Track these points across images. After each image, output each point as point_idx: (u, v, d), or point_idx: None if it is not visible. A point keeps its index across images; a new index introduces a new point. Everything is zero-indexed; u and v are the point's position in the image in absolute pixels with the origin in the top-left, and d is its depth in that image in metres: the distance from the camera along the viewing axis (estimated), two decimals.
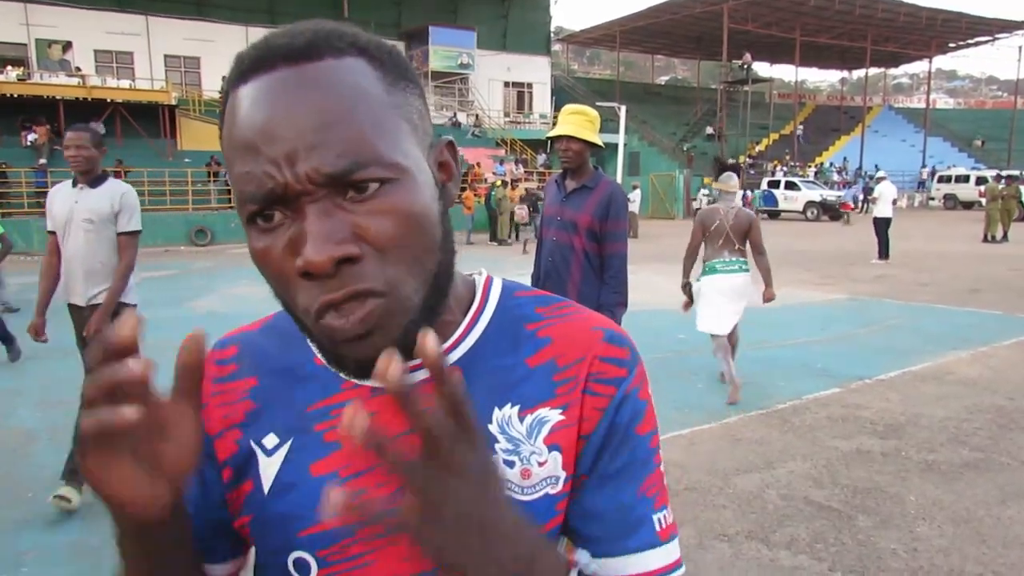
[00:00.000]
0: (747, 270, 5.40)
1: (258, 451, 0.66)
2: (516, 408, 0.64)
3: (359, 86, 0.56)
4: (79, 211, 3.64)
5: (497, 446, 0.63)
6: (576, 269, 3.40)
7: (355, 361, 0.58)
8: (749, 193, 28.77)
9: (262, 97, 0.54)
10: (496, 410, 0.64)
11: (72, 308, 3.87)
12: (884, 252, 14.05)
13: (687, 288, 5.59)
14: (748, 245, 5.37)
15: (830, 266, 13.67)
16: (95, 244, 3.66)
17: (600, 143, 3.48)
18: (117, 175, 20.40)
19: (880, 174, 16.08)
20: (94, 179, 3.70)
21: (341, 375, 0.65)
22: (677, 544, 0.66)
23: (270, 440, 0.66)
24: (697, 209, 27.78)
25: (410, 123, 0.60)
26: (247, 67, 0.56)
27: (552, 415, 0.64)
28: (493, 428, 0.63)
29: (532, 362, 0.66)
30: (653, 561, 0.64)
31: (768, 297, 5.48)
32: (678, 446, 4.42)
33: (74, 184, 3.71)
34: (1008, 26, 42.20)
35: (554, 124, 3.62)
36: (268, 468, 0.65)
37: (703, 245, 5.43)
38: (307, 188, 0.53)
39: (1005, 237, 18.32)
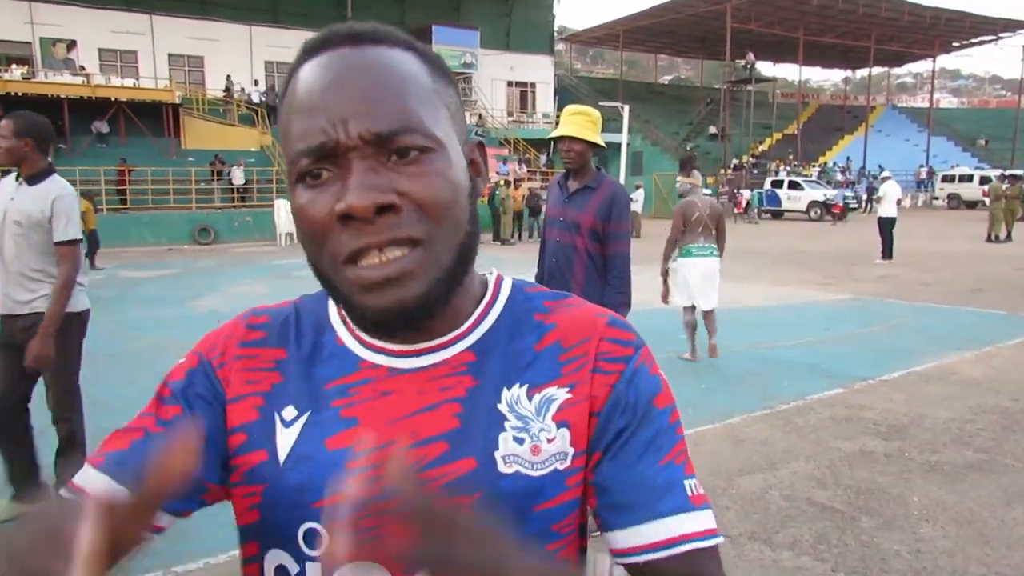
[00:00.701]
0: (717, 255, 6.23)
1: (278, 421, 0.68)
2: (524, 388, 0.67)
3: (409, 69, 0.63)
4: (11, 210, 3.25)
5: (507, 424, 0.65)
6: (579, 269, 3.40)
7: (378, 310, 0.61)
8: (747, 193, 28.83)
9: (324, 68, 0.61)
10: (505, 390, 0.67)
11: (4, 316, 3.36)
12: (888, 252, 14.02)
13: (666, 275, 6.22)
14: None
15: (833, 266, 13.65)
16: (24, 249, 3.25)
17: (602, 143, 3.48)
18: (121, 174, 20.59)
19: (885, 173, 16.06)
20: (32, 176, 3.28)
21: (360, 354, 0.68)
22: (711, 514, 0.66)
23: (289, 412, 0.68)
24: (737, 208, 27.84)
25: (449, 111, 0.66)
26: (313, 46, 0.64)
27: (559, 393, 0.67)
28: (503, 407, 0.66)
29: (539, 346, 0.69)
30: (688, 525, 0.64)
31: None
32: None
33: (17, 178, 3.33)
34: (1012, 25, 42.09)
35: (557, 124, 3.61)
36: (284, 439, 0.67)
37: (682, 232, 6.17)
38: (357, 144, 0.59)
39: (1009, 237, 18.28)
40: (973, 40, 45.48)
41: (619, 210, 3.39)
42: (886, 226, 13.99)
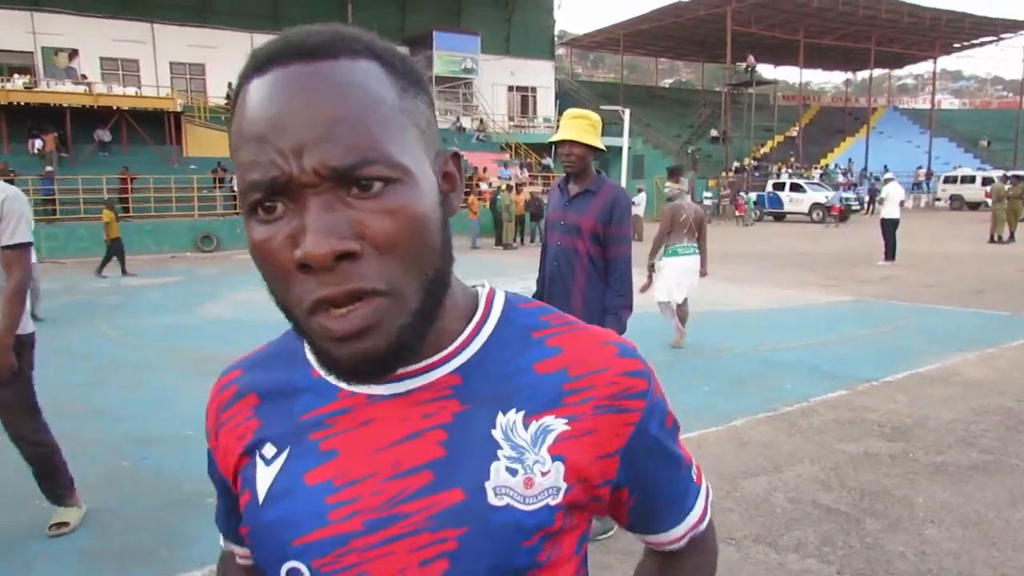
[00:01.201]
0: (698, 254, 6.97)
1: (259, 461, 0.67)
2: (521, 414, 0.63)
3: (371, 87, 0.56)
4: None
5: (500, 452, 0.62)
6: (580, 273, 3.40)
7: (348, 361, 0.57)
8: (743, 195, 28.93)
9: (275, 89, 0.55)
10: (500, 415, 0.63)
11: None
12: (891, 253, 14.01)
13: (652, 269, 6.79)
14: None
15: (835, 268, 13.63)
16: None
17: (602, 147, 3.48)
18: (123, 182, 20.64)
19: (888, 175, 16.04)
20: None
21: (337, 384, 0.65)
22: (710, 493, 0.80)
23: (268, 450, 0.67)
24: (705, 209, 28.37)
25: (418, 128, 0.60)
26: (262, 61, 0.57)
27: (557, 424, 0.63)
28: (496, 434, 0.62)
29: (541, 368, 0.65)
30: (700, 507, 0.77)
31: (703, 273, 7.17)
32: None
33: None
34: (1013, 26, 42.09)
35: (558, 128, 3.62)
36: (264, 477, 0.66)
37: (669, 233, 6.90)
38: (312, 180, 0.54)
39: (1012, 237, 18.25)
40: (974, 41, 45.48)
41: (620, 213, 3.39)
42: (889, 227, 13.98)
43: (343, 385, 0.65)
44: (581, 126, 3.40)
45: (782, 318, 8.98)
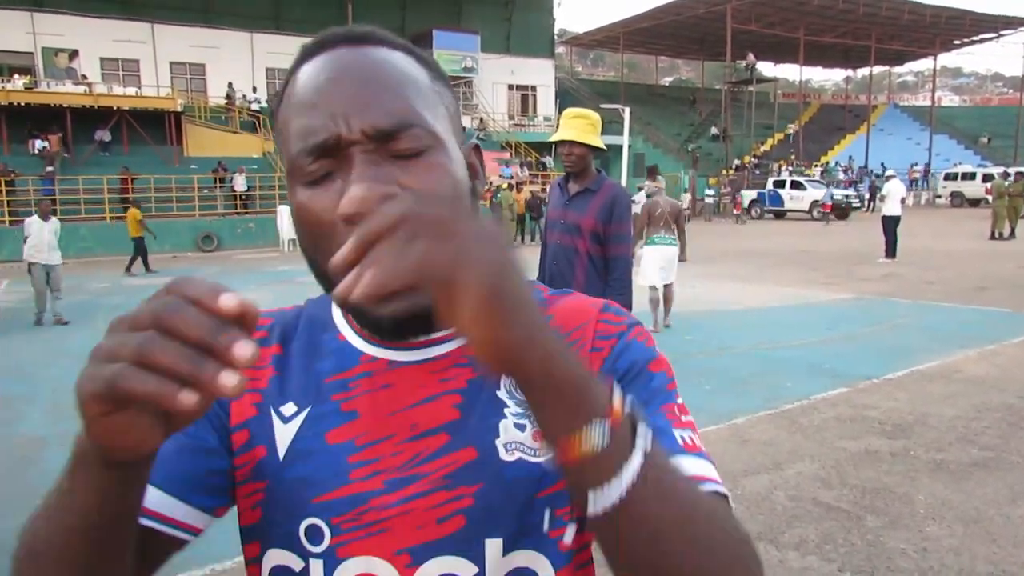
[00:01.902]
0: (675, 244, 7.67)
1: (275, 417, 0.67)
2: None
3: (409, 69, 0.64)
4: None
5: (507, 411, 0.65)
6: (580, 272, 3.43)
7: (391, 318, 0.57)
8: (746, 194, 29.01)
9: (325, 66, 0.62)
10: (504, 376, 0.62)
11: None
12: (892, 251, 14.01)
13: (634, 256, 7.26)
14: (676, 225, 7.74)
15: (836, 265, 13.63)
16: None
17: (602, 146, 3.49)
18: (124, 182, 20.66)
19: (889, 172, 16.04)
20: None
21: (361, 348, 0.68)
22: (711, 466, 0.62)
23: (288, 408, 0.67)
24: (705, 206, 28.50)
25: (448, 111, 0.66)
26: (312, 48, 0.64)
27: None
28: (502, 394, 0.65)
29: None
30: (688, 460, 0.60)
31: (683, 259, 7.89)
32: None
33: None
34: (1013, 23, 42.04)
35: (558, 127, 3.63)
36: (284, 435, 0.66)
37: (647, 225, 7.66)
38: (359, 139, 0.58)
39: (1012, 234, 18.24)
40: (974, 38, 45.42)
41: (620, 212, 3.40)
42: (890, 225, 13.97)
43: (367, 349, 0.68)
44: (581, 126, 3.41)
45: (783, 316, 8.98)
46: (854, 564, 3.05)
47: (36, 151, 21.71)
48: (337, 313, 0.72)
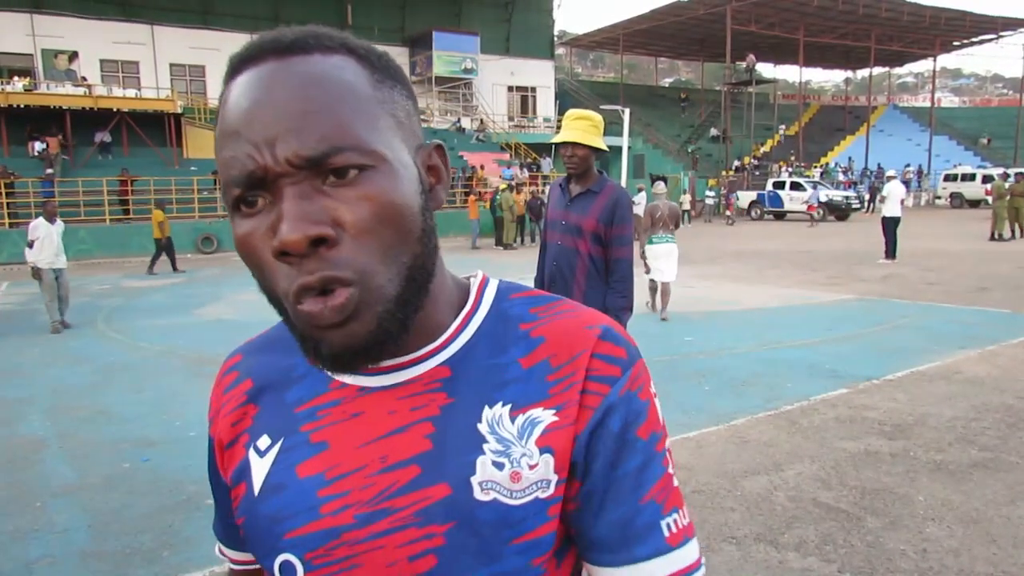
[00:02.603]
0: (672, 241, 8.66)
1: (252, 453, 0.67)
2: (507, 408, 0.62)
3: (343, 78, 0.58)
4: None
5: (486, 447, 0.61)
6: (581, 273, 3.41)
7: (330, 350, 0.58)
8: (734, 196, 29.33)
9: (248, 86, 0.57)
10: (486, 408, 0.62)
11: None
12: (891, 251, 14.01)
13: (643, 256, 8.45)
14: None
15: (836, 266, 13.63)
16: None
17: (605, 147, 3.49)
18: (123, 184, 20.65)
19: (890, 173, 16.04)
20: None
21: (330, 375, 0.66)
22: (693, 546, 0.64)
23: (263, 441, 0.67)
24: (706, 208, 28.90)
25: (395, 119, 0.60)
26: (237, 63, 0.59)
27: (545, 416, 0.62)
28: (483, 428, 0.62)
29: (526, 362, 0.64)
30: (659, 569, 0.62)
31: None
32: (685, 448, 4.42)
33: None
34: (1012, 24, 42.05)
35: (558, 128, 3.63)
36: (259, 469, 0.66)
37: (653, 225, 8.70)
38: (286, 170, 0.54)
39: (1014, 235, 18.24)
40: (974, 39, 45.42)
41: (622, 214, 3.39)
42: (890, 226, 13.98)
43: (336, 376, 0.65)
44: (584, 127, 3.41)
45: (783, 317, 8.98)
46: (854, 565, 3.05)
47: (36, 153, 21.70)
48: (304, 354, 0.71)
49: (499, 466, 0.61)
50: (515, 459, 0.61)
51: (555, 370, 0.63)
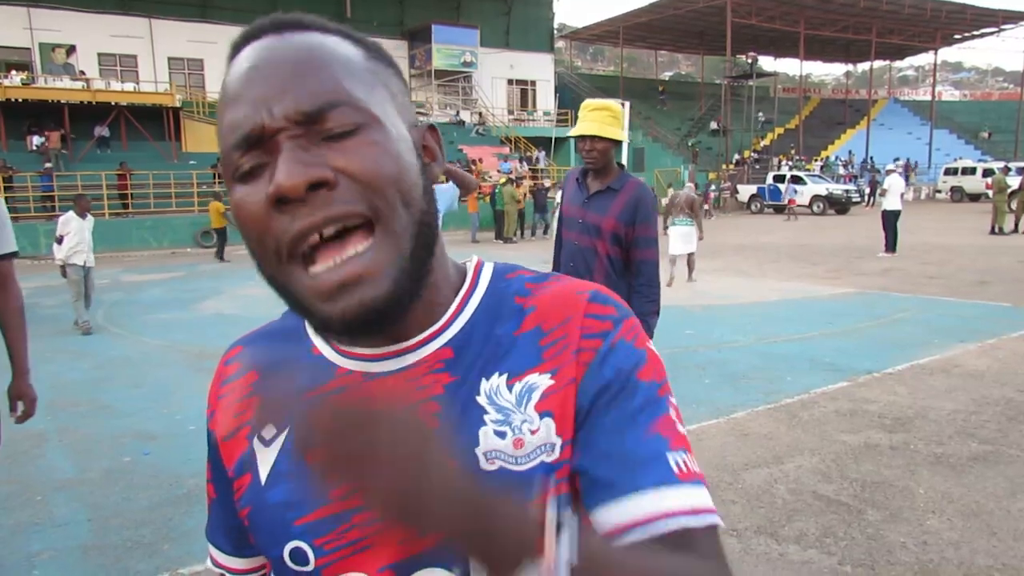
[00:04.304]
0: (690, 224, 10.72)
1: (257, 442, 0.67)
2: (504, 377, 0.63)
3: (339, 49, 0.59)
4: None
5: (486, 417, 0.61)
6: (599, 275, 3.17)
7: (340, 317, 0.56)
8: (712, 190, 29.87)
9: (247, 58, 0.58)
10: (484, 381, 0.63)
11: None
12: (892, 245, 14.00)
13: (665, 231, 10.05)
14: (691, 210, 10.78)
15: (837, 260, 13.63)
16: None
17: (626, 139, 3.23)
18: (122, 178, 20.61)
19: (889, 167, 16.04)
20: None
21: (335, 362, 0.66)
22: (706, 492, 0.60)
23: (268, 431, 0.67)
24: (705, 202, 29.54)
25: (388, 90, 0.61)
26: (238, 43, 0.61)
27: (542, 380, 0.62)
28: (481, 400, 0.62)
29: (518, 332, 0.64)
30: (672, 500, 0.57)
31: (700, 237, 10.99)
32: None
33: None
34: (1013, 17, 41.93)
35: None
36: (265, 458, 0.66)
37: (671, 211, 10.96)
38: (283, 125, 0.55)
39: (1017, 229, 18.22)
40: (975, 32, 45.30)
41: (645, 213, 3.13)
42: (890, 219, 13.98)
43: (342, 362, 0.66)
44: (603, 118, 3.14)
45: (783, 310, 8.98)
46: (854, 557, 3.05)
47: (34, 147, 21.66)
48: (310, 326, 0.69)
49: (501, 435, 0.61)
50: (516, 426, 0.61)
51: (546, 334, 0.64)
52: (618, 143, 3.18)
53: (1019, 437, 4.39)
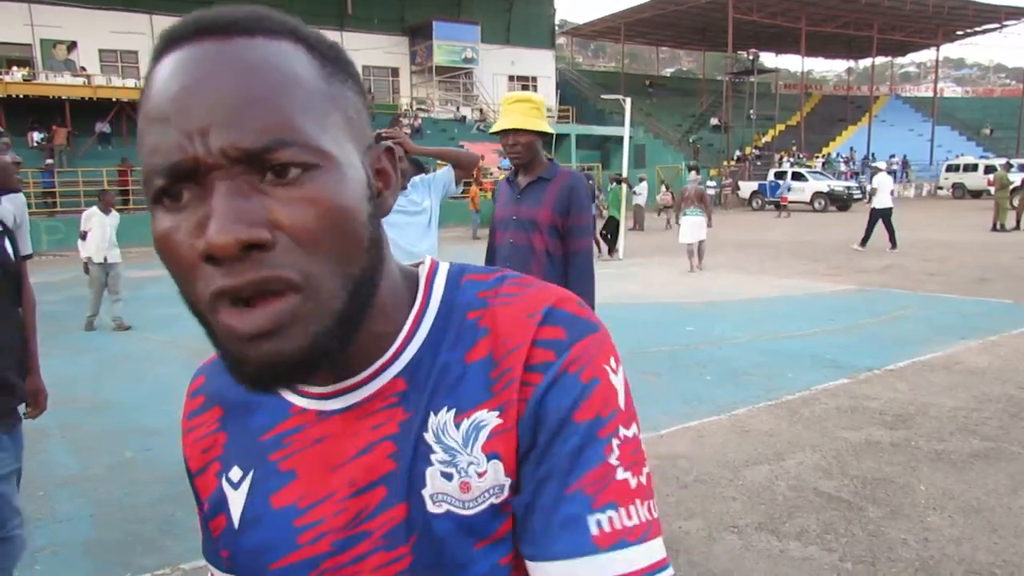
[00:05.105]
0: (701, 215, 12.22)
1: (226, 485, 0.65)
2: (452, 413, 0.58)
3: (290, 67, 0.51)
4: None
5: (433, 457, 0.57)
6: (537, 273, 3.00)
7: (252, 366, 0.51)
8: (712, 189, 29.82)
9: (181, 68, 0.49)
10: (432, 416, 0.58)
11: None
12: (892, 241, 14.01)
13: (677, 221, 12.43)
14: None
15: (838, 256, 13.62)
16: None
17: (550, 130, 3.14)
18: (123, 174, 20.63)
19: (878, 164, 16.05)
20: None
21: (287, 399, 0.63)
22: (637, 552, 0.54)
23: (235, 473, 0.65)
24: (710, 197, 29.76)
25: (344, 116, 0.54)
26: (169, 40, 0.52)
27: (489, 419, 0.57)
28: (429, 437, 0.58)
29: (470, 357, 0.59)
30: (581, 571, 0.53)
31: (710, 225, 12.64)
32: (687, 438, 4.42)
33: None
34: (1016, 13, 41.85)
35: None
36: (236, 501, 0.64)
37: (682, 203, 12.34)
38: (220, 163, 0.48)
39: (1018, 226, 18.20)
40: (977, 28, 45.24)
41: (579, 201, 3.03)
42: (884, 216, 14.03)
43: (295, 400, 0.62)
44: (525, 111, 3.03)
45: (784, 307, 8.97)
46: (855, 554, 3.06)
47: (35, 143, 21.67)
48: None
49: (448, 476, 0.57)
50: (462, 468, 0.57)
51: (496, 364, 0.58)
52: (543, 135, 3.07)
53: (1020, 434, 4.38)
